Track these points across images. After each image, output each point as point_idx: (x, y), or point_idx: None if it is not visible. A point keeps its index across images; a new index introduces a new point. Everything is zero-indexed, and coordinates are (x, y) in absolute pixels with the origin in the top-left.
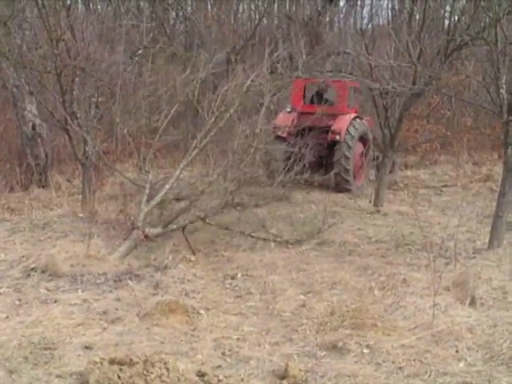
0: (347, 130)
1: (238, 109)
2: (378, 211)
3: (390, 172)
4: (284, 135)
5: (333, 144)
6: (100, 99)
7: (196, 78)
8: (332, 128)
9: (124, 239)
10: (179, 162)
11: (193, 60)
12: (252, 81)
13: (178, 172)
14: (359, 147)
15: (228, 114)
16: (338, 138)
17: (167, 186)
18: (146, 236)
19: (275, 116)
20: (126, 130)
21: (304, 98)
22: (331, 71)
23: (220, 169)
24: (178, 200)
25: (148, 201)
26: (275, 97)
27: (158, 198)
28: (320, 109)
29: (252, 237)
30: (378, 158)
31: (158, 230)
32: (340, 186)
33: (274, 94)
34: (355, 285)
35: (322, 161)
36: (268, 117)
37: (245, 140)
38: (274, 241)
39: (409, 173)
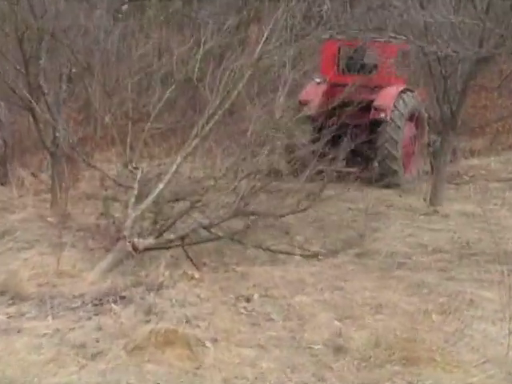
0: (394, 105)
1: (251, 85)
2: (436, 212)
3: (451, 161)
4: (312, 114)
5: (375, 124)
6: (74, 70)
7: (198, 51)
8: (374, 103)
9: (106, 251)
10: (176, 152)
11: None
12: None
13: (174, 167)
14: (410, 128)
15: (236, 92)
16: (382, 116)
17: (161, 185)
18: (135, 248)
19: (301, 89)
20: (107, 118)
21: (338, 65)
22: (373, 30)
23: (229, 162)
24: (175, 201)
25: (137, 203)
26: (299, 67)
27: (149, 200)
28: (359, 79)
29: (272, 251)
30: (434, 142)
31: (151, 240)
32: (385, 179)
33: (299, 62)
34: (406, 307)
35: (361, 147)
36: (291, 93)
37: (261, 125)
38: (302, 254)
39: (475, 161)
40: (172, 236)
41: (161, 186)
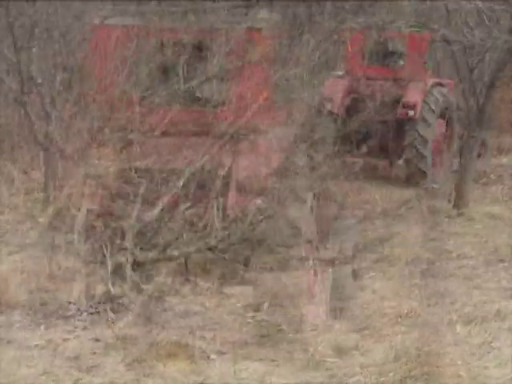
0: (425, 102)
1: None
2: (461, 214)
3: (479, 155)
4: (334, 110)
5: (403, 122)
6: (70, 59)
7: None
8: (403, 100)
9: (104, 256)
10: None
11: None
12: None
13: (181, 181)
14: (440, 126)
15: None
16: (411, 113)
17: (166, 198)
18: (136, 260)
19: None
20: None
21: (363, 56)
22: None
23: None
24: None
25: (139, 216)
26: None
27: (153, 214)
28: (385, 72)
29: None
30: (461, 138)
31: (153, 254)
32: (412, 180)
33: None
34: (429, 318)
35: (386, 145)
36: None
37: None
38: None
39: (504, 160)
40: (176, 253)
41: (166, 198)
